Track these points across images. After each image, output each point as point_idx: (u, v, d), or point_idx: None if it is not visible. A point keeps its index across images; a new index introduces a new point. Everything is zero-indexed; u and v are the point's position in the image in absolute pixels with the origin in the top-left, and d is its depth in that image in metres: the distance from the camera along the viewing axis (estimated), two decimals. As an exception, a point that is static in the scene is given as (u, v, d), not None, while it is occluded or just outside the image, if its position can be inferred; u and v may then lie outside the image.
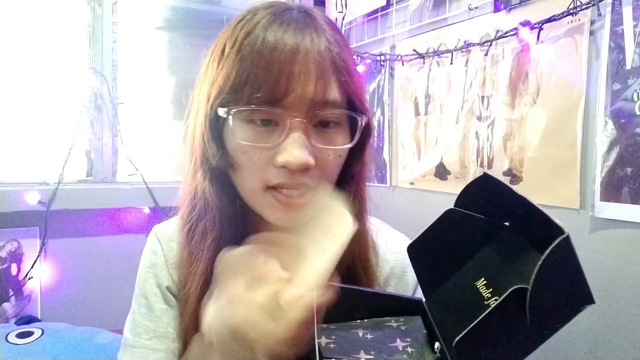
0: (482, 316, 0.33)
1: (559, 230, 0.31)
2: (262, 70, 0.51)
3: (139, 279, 0.66)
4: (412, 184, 1.63)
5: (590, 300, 0.33)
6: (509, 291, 0.33)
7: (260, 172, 0.54)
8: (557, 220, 0.32)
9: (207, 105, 0.56)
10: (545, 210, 0.34)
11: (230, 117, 0.53)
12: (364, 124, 0.57)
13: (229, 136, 0.55)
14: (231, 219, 0.58)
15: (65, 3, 1.75)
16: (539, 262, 0.31)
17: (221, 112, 0.54)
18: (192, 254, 0.60)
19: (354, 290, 0.46)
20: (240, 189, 0.57)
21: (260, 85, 0.51)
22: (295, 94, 0.51)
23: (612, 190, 1.00)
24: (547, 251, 0.31)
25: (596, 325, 1.04)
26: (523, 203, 0.36)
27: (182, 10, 2.00)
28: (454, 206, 0.44)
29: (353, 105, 0.56)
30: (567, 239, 0.31)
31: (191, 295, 0.59)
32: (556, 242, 0.31)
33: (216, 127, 0.56)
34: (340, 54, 0.55)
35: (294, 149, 0.51)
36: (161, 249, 0.66)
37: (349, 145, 0.57)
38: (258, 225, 0.58)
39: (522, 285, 0.32)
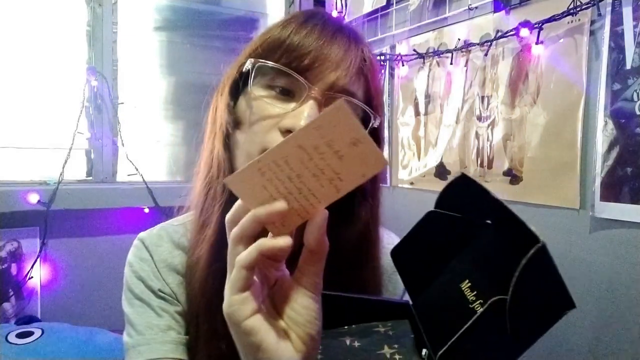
0: (463, 329, 0.34)
1: (534, 239, 0.31)
2: (298, 41, 0.54)
3: (127, 284, 0.64)
4: (412, 184, 1.63)
5: (571, 305, 0.33)
6: (488, 302, 0.33)
7: (262, 135, 0.54)
8: (532, 228, 0.31)
9: (237, 66, 0.59)
10: (520, 216, 0.33)
11: (253, 69, 0.55)
12: (375, 125, 0.58)
13: (243, 95, 0.57)
14: None
15: (65, 3, 1.75)
16: (516, 274, 0.31)
17: (248, 64, 0.56)
18: (203, 219, 0.60)
19: (340, 297, 0.46)
20: (239, 153, 0.58)
21: (292, 51, 0.53)
22: (320, 70, 0.53)
23: (612, 190, 1.00)
24: (523, 262, 0.30)
25: (596, 325, 1.04)
26: (500, 208, 0.36)
27: (182, 10, 2.00)
28: (434, 207, 0.44)
29: (370, 105, 0.58)
30: (543, 248, 0.31)
31: (200, 260, 0.59)
32: (531, 252, 0.30)
33: (237, 88, 0.59)
34: (372, 61, 0.59)
35: (304, 117, 0.52)
36: (149, 254, 0.65)
37: None
38: None
39: (501, 297, 0.32)
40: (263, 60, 0.55)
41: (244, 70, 0.56)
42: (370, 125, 0.58)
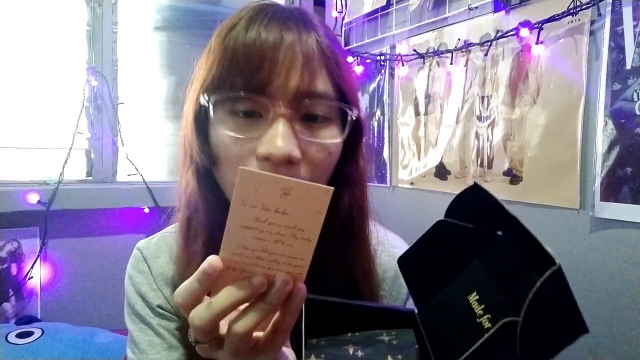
0: (473, 348, 0.33)
1: (549, 260, 0.30)
2: (245, 58, 0.49)
3: (128, 298, 0.63)
4: (412, 184, 1.63)
5: (584, 330, 0.31)
6: (499, 323, 0.32)
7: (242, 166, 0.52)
8: (548, 249, 0.30)
9: (195, 99, 0.55)
10: (536, 235, 0.32)
11: (210, 106, 0.51)
12: (354, 118, 0.54)
13: (211, 129, 0.53)
14: (220, 221, 0.56)
15: (65, 3, 1.75)
16: (529, 296, 0.29)
17: (202, 100, 0.52)
18: (187, 256, 0.58)
19: (344, 304, 0.45)
20: (223, 187, 0.55)
21: (243, 71, 0.49)
22: (279, 81, 0.49)
23: (612, 190, 1.00)
24: (537, 284, 0.29)
25: (596, 325, 1.04)
26: (513, 222, 0.35)
27: (182, 10, 2.00)
28: (445, 217, 0.43)
29: (343, 99, 0.54)
30: (559, 270, 0.29)
31: None
32: (546, 275, 0.29)
33: (202, 122, 0.55)
34: (330, 46, 0.53)
35: (278, 139, 0.48)
36: (147, 267, 0.63)
37: (339, 140, 0.54)
38: None
39: (513, 318, 0.31)
40: (217, 95, 0.51)
41: (201, 103, 0.52)
42: (349, 118, 0.54)
